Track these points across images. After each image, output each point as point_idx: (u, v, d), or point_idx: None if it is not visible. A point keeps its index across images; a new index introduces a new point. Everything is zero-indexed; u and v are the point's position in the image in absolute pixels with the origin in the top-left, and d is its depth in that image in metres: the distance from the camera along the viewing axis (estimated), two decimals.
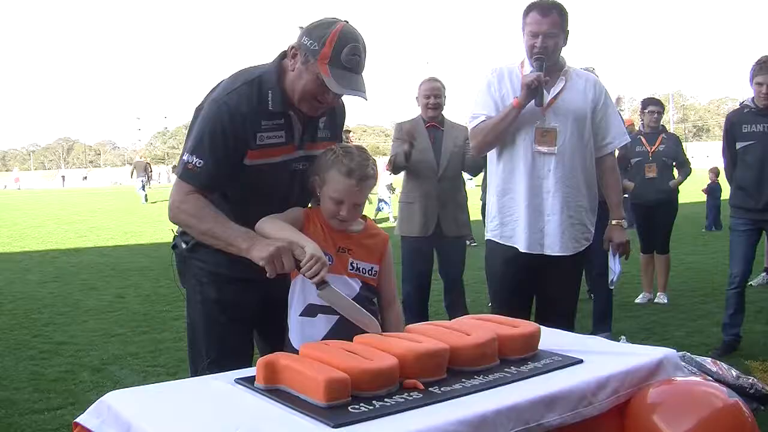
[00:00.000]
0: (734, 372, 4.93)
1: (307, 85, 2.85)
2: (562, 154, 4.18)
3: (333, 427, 1.98)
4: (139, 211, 26.81)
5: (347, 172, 2.83)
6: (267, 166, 2.95)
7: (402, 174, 6.56)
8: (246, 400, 2.24)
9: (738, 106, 6.42)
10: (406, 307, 5.96)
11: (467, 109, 4.43)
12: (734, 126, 6.09)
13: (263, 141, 2.92)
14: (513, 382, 2.37)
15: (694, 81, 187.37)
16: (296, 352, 2.52)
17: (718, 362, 5.03)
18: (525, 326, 2.70)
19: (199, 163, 2.86)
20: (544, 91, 4.12)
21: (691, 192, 15.00)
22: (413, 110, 6.69)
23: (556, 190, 4.19)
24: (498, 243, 4.34)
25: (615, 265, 4.49)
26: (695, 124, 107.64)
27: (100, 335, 7.44)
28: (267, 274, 2.70)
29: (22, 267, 12.84)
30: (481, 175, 7.16)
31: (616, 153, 4.99)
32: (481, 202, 7.99)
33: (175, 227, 3.12)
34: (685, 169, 8.36)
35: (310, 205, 3.10)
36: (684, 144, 9.17)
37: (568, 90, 4.24)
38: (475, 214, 7.21)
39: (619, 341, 4.46)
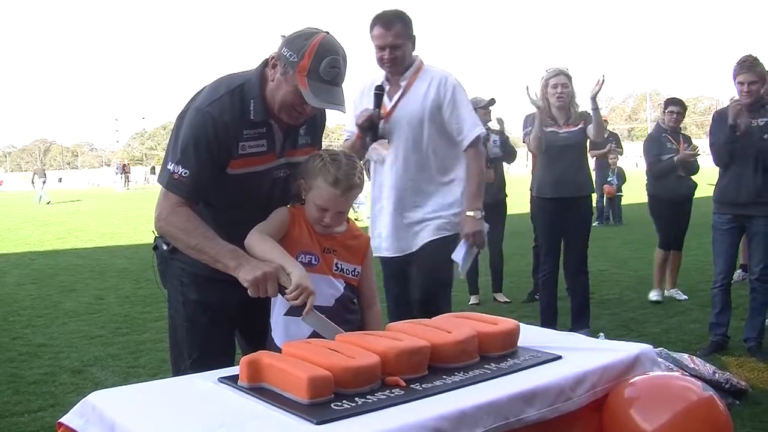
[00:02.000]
0: (710, 367, 5.00)
1: (286, 96, 2.84)
2: (394, 160, 4.39)
3: (316, 423, 2.00)
4: (118, 213, 26.69)
5: (333, 182, 2.83)
6: (249, 174, 2.96)
7: None
8: (230, 399, 2.25)
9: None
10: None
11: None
12: (722, 117, 6.15)
13: (245, 150, 2.93)
14: (493, 378, 2.40)
15: (670, 79, 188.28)
16: (279, 351, 2.54)
17: (694, 358, 5.10)
18: (504, 323, 2.73)
19: (185, 173, 2.87)
20: (381, 110, 4.32)
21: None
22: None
23: (389, 195, 4.44)
24: None
25: (462, 253, 4.44)
26: None
27: (79, 337, 7.43)
28: (249, 294, 2.72)
29: None
30: None
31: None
32: None
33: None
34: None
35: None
36: None
37: (406, 96, 4.40)
38: None
39: (597, 338, 4.51)
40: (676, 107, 8.32)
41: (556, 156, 6.54)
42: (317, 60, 2.75)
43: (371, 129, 4.26)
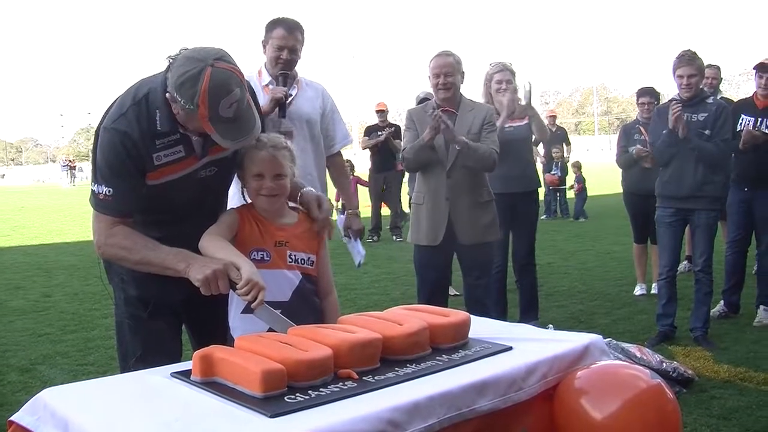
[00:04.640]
0: (658, 357, 5.09)
1: (199, 129, 2.77)
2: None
3: (270, 416, 2.01)
4: (65, 210, 26.32)
5: (260, 147, 2.93)
6: (169, 182, 2.93)
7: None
8: (183, 394, 2.25)
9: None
10: None
11: (398, 106, 4.60)
12: (661, 114, 6.26)
13: (161, 161, 2.88)
14: (445, 369, 2.43)
15: (616, 74, 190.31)
16: None
17: (642, 348, 5.19)
18: (455, 315, 2.76)
19: (109, 191, 2.84)
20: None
21: (615, 183, 15.25)
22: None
23: None
24: None
25: (359, 248, 5.05)
26: (618, 117, 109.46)
27: (27, 335, 7.32)
28: (202, 292, 2.71)
29: None
30: None
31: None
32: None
33: None
34: None
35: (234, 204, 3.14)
36: (608, 136, 9.16)
37: (300, 97, 4.91)
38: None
39: (546, 330, 4.56)
40: (646, 98, 8.02)
41: (503, 151, 6.54)
42: (213, 105, 2.64)
43: (280, 105, 4.66)
